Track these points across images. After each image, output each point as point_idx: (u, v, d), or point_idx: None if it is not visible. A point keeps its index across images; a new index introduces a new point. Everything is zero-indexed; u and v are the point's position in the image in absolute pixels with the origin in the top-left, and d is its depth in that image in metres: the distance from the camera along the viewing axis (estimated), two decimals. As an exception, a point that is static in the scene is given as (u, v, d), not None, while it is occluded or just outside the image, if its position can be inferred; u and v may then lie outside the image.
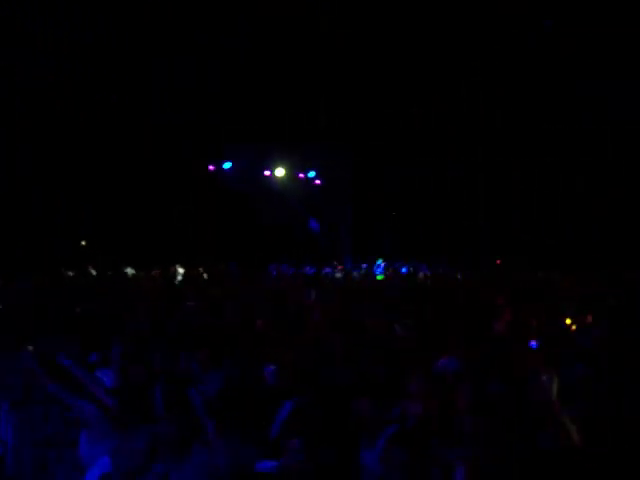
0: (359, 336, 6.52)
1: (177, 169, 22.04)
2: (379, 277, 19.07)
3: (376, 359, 5.58)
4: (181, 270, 17.91)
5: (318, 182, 25.84)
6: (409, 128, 21.76)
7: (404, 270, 20.61)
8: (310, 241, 25.73)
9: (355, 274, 19.93)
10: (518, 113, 20.75)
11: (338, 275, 19.50)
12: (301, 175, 25.24)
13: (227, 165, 23.77)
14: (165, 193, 22.77)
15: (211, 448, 3.86)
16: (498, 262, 21.99)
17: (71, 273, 16.97)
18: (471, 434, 3.78)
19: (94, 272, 17.55)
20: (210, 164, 23.93)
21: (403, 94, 20.24)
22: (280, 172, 24.46)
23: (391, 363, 5.36)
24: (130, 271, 17.91)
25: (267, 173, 24.48)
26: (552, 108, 19.99)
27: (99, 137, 20.08)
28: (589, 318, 7.16)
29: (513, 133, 21.54)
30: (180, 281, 16.52)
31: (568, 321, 7.40)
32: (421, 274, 18.54)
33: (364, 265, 21.76)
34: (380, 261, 21.42)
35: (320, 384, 4.84)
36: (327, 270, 20.56)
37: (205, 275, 17.88)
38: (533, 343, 4.12)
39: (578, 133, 20.10)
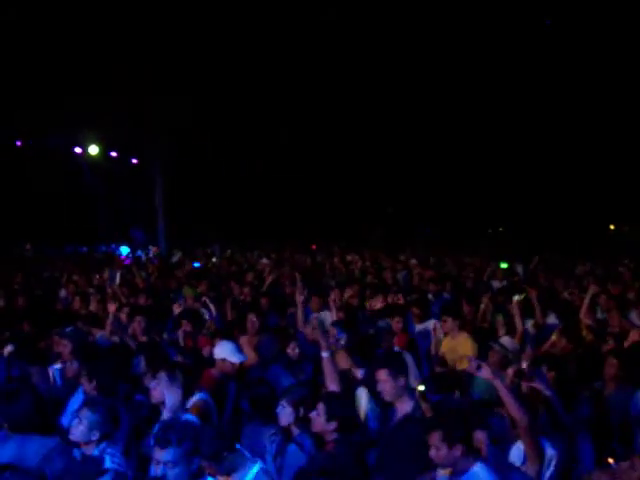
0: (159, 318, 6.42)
1: None
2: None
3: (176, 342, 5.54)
4: None
5: (135, 161, 24.83)
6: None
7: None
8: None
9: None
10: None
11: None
12: (113, 154, 24.07)
13: None
14: None
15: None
16: (313, 247, 22.48)
17: None
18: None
19: None
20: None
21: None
22: (94, 150, 23.10)
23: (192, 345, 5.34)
24: None
25: (78, 150, 23.01)
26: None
27: None
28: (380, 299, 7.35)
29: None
30: None
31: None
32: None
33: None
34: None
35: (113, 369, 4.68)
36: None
37: None
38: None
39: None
